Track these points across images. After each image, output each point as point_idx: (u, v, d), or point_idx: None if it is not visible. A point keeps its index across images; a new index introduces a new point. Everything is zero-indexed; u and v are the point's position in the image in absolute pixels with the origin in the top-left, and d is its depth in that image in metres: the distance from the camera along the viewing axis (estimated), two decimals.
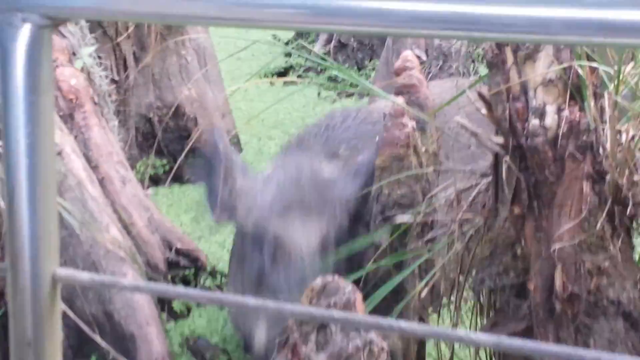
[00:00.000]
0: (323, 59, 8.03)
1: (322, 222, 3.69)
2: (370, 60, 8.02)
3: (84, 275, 1.31)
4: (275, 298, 3.56)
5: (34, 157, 1.16)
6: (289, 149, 4.43)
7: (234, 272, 4.02)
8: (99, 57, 4.93)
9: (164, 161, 5.98)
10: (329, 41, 8.23)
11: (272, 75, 8.07)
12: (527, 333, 2.99)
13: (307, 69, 8.13)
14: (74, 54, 4.48)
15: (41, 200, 1.19)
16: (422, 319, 3.85)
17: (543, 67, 2.75)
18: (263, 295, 3.63)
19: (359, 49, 8.08)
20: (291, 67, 8.26)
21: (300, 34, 8.58)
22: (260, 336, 3.59)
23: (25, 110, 1.14)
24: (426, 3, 0.99)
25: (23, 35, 1.10)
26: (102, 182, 4.26)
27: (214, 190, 3.91)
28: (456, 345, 3.46)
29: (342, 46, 8.17)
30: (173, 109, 5.95)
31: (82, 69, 4.45)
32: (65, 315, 4.06)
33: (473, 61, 6.37)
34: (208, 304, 4.52)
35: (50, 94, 1.17)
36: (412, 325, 1.17)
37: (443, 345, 3.45)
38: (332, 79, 7.76)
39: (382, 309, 3.33)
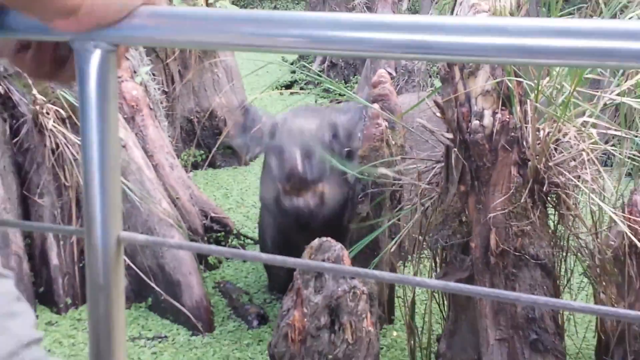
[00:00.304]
0: (319, 75, 8.02)
1: (320, 121, 3.73)
2: (354, 76, 8.00)
3: (140, 237, 1.32)
4: (286, 166, 3.53)
5: (103, 148, 1.18)
6: None
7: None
8: (153, 74, 4.91)
9: (202, 152, 5.97)
10: (323, 62, 8.22)
11: (281, 88, 8.05)
12: (470, 280, 2.99)
13: (307, 83, 8.11)
14: (134, 72, 4.47)
15: (108, 180, 1.19)
16: (392, 270, 3.85)
17: (482, 81, 2.74)
18: (279, 165, 3.61)
19: (346, 67, 8.07)
20: (295, 81, 8.24)
21: (302, 56, 8.56)
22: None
23: (97, 114, 1.15)
24: (393, 33, 1.00)
25: (95, 58, 1.12)
26: (156, 168, 4.26)
27: (246, 136, 3.94)
28: (417, 290, 3.46)
29: (333, 65, 8.16)
30: (208, 113, 5.95)
31: (140, 83, 4.44)
32: (128, 268, 4.07)
33: (430, 77, 6.36)
34: (234, 258, 4.52)
35: (115, 101, 1.18)
36: (383, 274, 1.18)
37: (408, 290, 3.44)
38: (326, 90, 7.75)
39: (362, 261, 3.34)
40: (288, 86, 8.12)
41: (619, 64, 0.91)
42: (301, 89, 8.02)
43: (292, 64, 8.65)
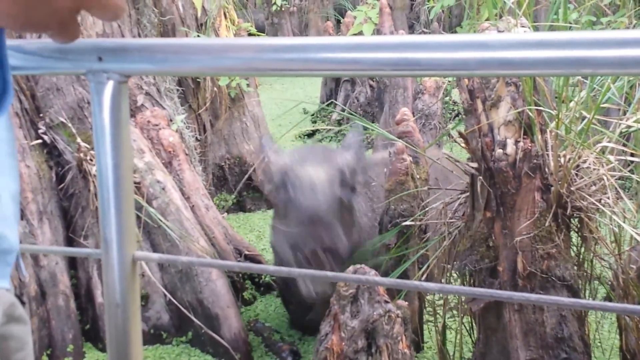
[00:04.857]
0: (339, 122, 8.06)
1: (328, 168, 3.56)
2: (372, 123, 7.95)
3: (154, 256, 1.31)
4: (296, 219, 3.43)
5: (117, 173, 1.18)
6: None
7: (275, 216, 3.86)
8: (187, 123, 4.92)
9: (233, 196, 5.97)
10: (343, 110, 8.21)
11: (303, 136, 8.07)
12: (499, 302, 2.94)
13: (328, 131, 8.10)
14: (170, 120, 4.48)
15: (123, 203, 1.20)
16: (420, 298, 3.80)
17: (504, 112, 2.73)
18: (289, 217, 3.50)
19: (364, 116, 8.04)
20: (317, 130, 8.24)
21: (322, 108, 8.56)
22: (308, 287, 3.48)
23: (111, 139, 1.16)
24: (383, 53, 1.00)
25: (108, 88, 1.15)
26: (192, 209, 4.24)
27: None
28: (446, 315, 3.39)
29: (351, 114, 8.13)
30: (238, 159, 5.95)
31: (176, 130, 4.45)
32: (170, 303, 4.03)
33: (447, 120, 6.34)
34: (253, 272, 4.43)
35: (127, 127, 1.19)
36: (383, 280, 1.17)
37: (438, 316, 3.38)
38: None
39: (392, 291, 3.28)
40: (310, 134, 8.13)
41: (594, 71, 0.91)
42: (322, 137, 8.02)
43: (312, 115, 8.69)
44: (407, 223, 3.39)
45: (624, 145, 2.94)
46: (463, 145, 2.87)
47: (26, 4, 0.86)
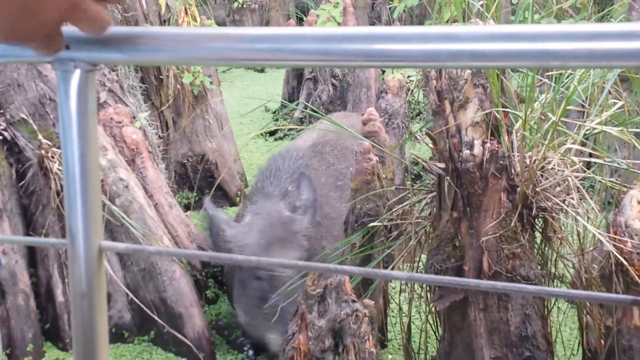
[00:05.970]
0: (301, 121, 8.04)
1: (291, 250, 3.62)
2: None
3: (121, 245, 1.30)
4: (272, 310, 3.50)
5: (84, 163, 1.17)
6: (253, 197, 4.25)
7: (239, 294, 3.85)
8: (150, 120, 4.87)
9: (195, 194, 5.92)
10: (305, 107, 8.19)
11: (266, 135, 8.03)
12: (465, 301, 2.96)
13: (290, 129, 8.08)
14: (134, 117, 4.42)
15: (89, 193, 1.18)
16: (385, 298, 3.82)
17: (471, 113, 2.75)
18: (265, 311, 3.57)
19: (326, 114, 8.03)
20: (279, 129, 8.21)
21: (284, 105, 8.52)
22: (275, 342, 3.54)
23: (77, 129, 1.15)
24: (355, 44, 1.01)
25: (75, 77, 1.12)
26: (156, 207, 4.20)
27: (214, 241, 3.85)
28: (411, 313, 3.41)
29: (314, 112, 8.10)
30: (200, 157, 5.91)
31: (140, 128, 4.40)
32: (132, 302, 3.98)
33: (411, 119, 6.34)
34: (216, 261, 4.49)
35: (94, 117, 1.18)
36: (352, 268, 1.18)
37: (403, 315, 3.40)
38: None
39: (359, 289, 3.29)
40: (272, 133, 8.10)
41: (563, 64, 0.92)
42: (284, 135, 7.99)
43: (274, 112, 8.66)
44: (375, 224, 3.39)
45: (584, 145, 2.99)
46: (431, 145, 2.89)
47: (13, 16, 0.84)
